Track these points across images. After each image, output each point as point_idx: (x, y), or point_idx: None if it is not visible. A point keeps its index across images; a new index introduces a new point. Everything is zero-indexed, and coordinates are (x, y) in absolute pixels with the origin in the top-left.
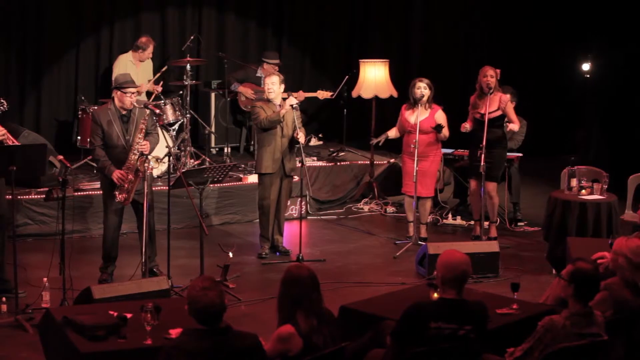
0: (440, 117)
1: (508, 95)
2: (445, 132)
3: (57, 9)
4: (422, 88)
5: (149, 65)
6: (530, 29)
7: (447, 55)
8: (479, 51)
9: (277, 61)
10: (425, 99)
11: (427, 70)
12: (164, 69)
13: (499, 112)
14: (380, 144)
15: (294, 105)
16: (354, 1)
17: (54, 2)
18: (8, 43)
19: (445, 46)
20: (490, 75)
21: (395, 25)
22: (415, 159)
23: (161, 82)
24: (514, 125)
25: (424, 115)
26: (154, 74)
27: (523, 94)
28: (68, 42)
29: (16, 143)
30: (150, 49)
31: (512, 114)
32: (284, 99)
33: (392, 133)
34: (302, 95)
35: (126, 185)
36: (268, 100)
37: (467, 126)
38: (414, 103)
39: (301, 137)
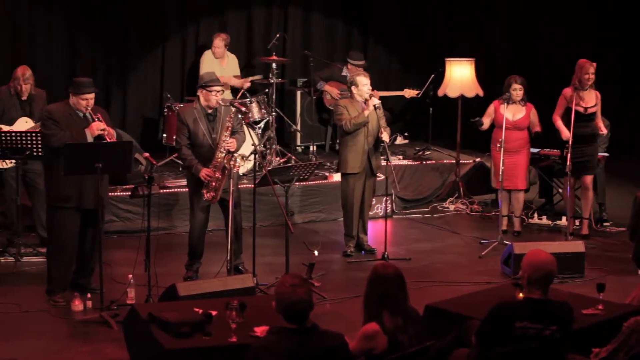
0: (534, 115)
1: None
2: (538, 127)
3: (143, 7)
4: (518, 89)
5: (234, 61)
6: (614, 28)
7: (532, 54)
8: (564, 50)
9: (362, 62)
10: (519, 99)
11: (512, 69)
12: (258, 78)
13: (597, 107)
14: (477, 123)
15: (377, 105)
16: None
17: (139, 1)
18: (94, 42)
19: (530, 44)
20: (591, 72)
21: (480, 24)
22: (501, 155)
23: (249, 83)
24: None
25: (520, 113)
26: (241, 72)
27: (607, 93)
28: (154, 40)
29: (114, 140)
30: (215, 43)
31: (599, 111)
32: (365, 101)
33: (487, 123)
34: (412, 93)
35: (214, 184)
36: (352, 99)
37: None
38: (508, 100)
39: (385, 136)
